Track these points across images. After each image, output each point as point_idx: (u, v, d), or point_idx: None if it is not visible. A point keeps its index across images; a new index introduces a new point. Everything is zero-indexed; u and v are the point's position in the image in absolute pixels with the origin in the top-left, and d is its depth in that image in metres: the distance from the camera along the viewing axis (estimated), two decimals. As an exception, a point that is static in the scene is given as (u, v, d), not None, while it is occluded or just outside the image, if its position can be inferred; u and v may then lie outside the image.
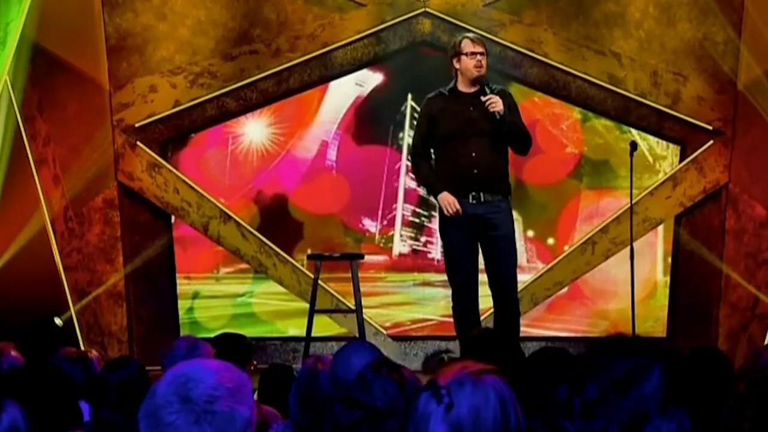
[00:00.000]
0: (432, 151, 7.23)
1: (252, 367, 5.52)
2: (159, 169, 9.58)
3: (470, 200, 6.89)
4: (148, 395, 2.21)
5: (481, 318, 7.30)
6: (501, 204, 6.95)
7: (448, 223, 7.00)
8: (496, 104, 6.86)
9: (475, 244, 6.95)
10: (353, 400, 2.95)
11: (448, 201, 6.90)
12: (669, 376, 2.19)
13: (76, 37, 9.42)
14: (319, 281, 9.37)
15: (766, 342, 9.08)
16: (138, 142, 9.56)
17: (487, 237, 6.90)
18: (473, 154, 6.91)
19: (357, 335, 9.32)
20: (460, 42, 7.11)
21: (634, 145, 8.13)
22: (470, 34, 7.35)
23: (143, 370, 5.16)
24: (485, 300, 7.24)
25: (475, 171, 6.87)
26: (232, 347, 5.22)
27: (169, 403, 2.14)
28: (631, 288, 7.89)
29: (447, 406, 2.25)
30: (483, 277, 7.14)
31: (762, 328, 9.16)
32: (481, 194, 6.90)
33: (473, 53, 7.03)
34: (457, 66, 7.12)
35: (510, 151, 7.15)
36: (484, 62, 7.07)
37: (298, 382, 4.41)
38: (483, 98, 6.90)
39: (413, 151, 7.32)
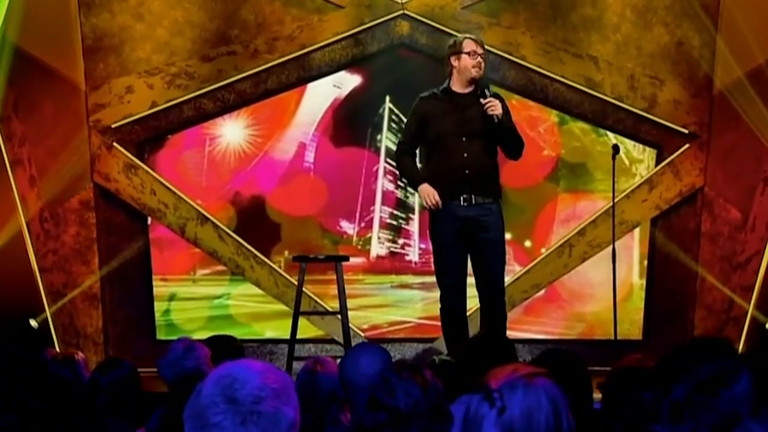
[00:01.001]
0: (419, 150, 7.22)
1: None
2: (135, 171, 9.53)
3: (461, 202, 6.85)
4: (193, 396, 2.19)
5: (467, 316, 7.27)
6: (492, 206, 6.91)
7: (438, 225, 6.97)
8: (495, 108, 6.83)
9: (465, 246, 6.91)
10: (377, 402, 2.93)
11: (427, 192, 6.88)
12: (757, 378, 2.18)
13: (52, 38, 9.35)
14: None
15: (741, 345, 9.15)
16: (114, 143, 9.50)
17: (477, 239, 6.87)
18: (465, 155, 6.89)
19: (334, 338, 9.34)
20: (462, 41, 7.08)
21: (616, 149, 8.14)
22: (472, 35, 7.31)
23: (135, 372, 5.15)
24: (471, 300, 7.23)
25: (467, 172, 6.84)
26: (224, 349, 5.20)
27: (215, 404, 2.12)
28: (613, 290, 7.91)
29: (500, 410, 2.24)
30: (470, 279, 7.14)
31: (737, 331, 9.22)
32: (472, 196, 6.85)
33: (475, 53, 7.00)
34: (455, 64, 7.07)
35: (500, 154, 7.15)
36: (483, 64, 7.06)
37: (297, 384, 4.41)
38: (483, 101, 6.86)
39: (398, 147, 7.25)
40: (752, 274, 9.18)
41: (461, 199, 6.85)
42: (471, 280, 7.07)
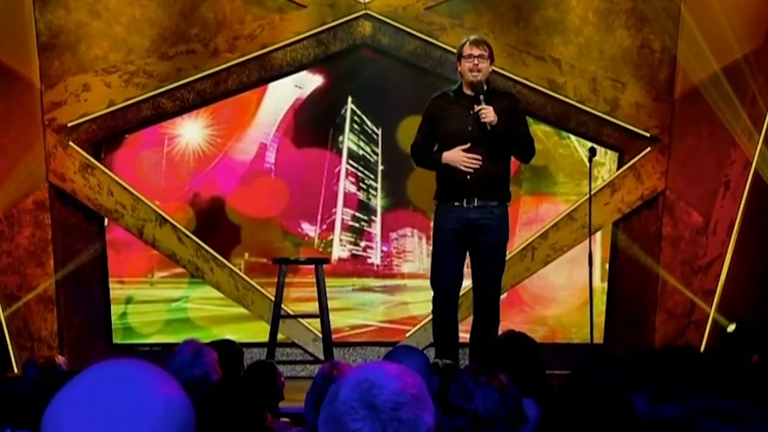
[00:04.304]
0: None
1: (243, 372, 5.36)
2: (92, 171, 9.32)
3: (464, 204, 6.68)
4: (328, 401, 2.07)
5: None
6: (495, 210, 6.71)
7: (438, 225, 6.80)
8: (487, 115, 6.67)
9: (463, 252, 6.72)
10: (454, 407, 2.83)
11: (453, 155, 6.70)
12: None
13: (5, 34, 9.12)
14: (259, 287, 9.25)
15: (702, 348, 9.17)
16: (70, 143, 9.29)
17: (477, 243, 6.67)
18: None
19: (295, 341, 9.22)
20: (462, 44, 6.94)
21: (593, 151, 8.08)
22: (474, 36, 7.15)
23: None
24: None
25: (468, 177, 6.65)
26: (225, 354, 5.06)
27: (354, 410, 2.00)
28: (590, 292, 7.88)
29: None
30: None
31: (698, 335, 9.25)
32: (474, 198, 6.67)
33: (470, 56, 6.84)
34: (459, 69, 6.96)
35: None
36: (481, 65, 6.84)
37: (313, 389, 4.29)
38: (476, 107, 6.72)
39: (412, 148, 7.06)
40: (713, 278, 9.22)
41: (463, 201, 6.68)
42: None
